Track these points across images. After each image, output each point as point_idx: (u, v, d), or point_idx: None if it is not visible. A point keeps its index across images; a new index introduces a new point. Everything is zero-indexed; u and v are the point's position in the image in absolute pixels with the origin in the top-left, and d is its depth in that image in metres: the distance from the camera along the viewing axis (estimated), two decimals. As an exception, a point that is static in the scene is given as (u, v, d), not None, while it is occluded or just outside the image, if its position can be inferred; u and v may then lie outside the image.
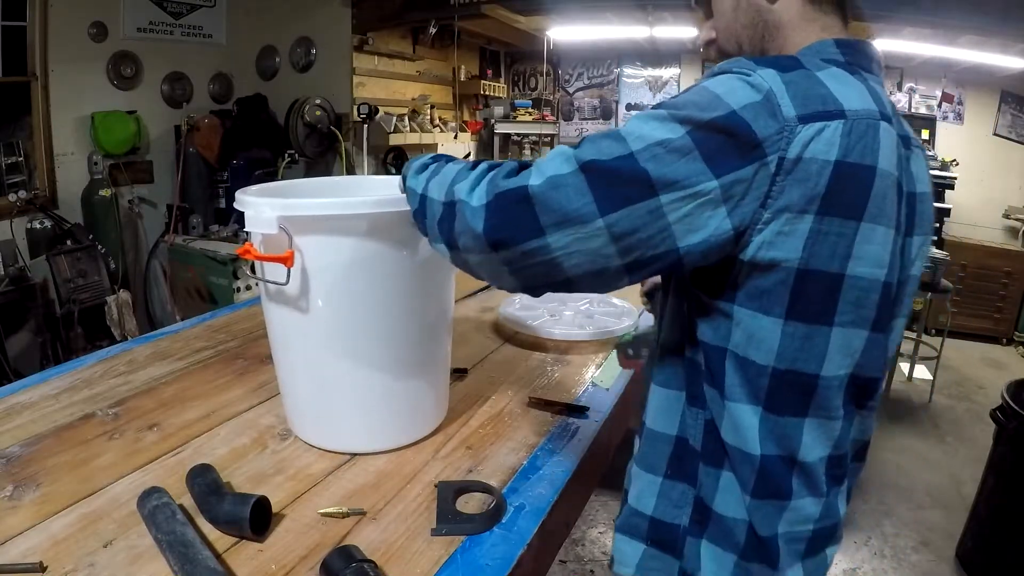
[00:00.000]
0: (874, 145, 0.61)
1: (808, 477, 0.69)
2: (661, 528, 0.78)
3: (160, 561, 0.75)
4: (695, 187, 0.59)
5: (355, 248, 0.94)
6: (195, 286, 3.48)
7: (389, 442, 1.05)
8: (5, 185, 3.14)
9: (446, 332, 1.13)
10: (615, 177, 0.60)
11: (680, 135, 0.59)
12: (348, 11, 4.10)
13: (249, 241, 0.98)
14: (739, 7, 0.75)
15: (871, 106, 0.63)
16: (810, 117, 0.59)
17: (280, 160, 3.86)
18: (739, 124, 0.59)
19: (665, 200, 0.60)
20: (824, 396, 0.67)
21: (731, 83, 0.61)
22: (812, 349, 0.65)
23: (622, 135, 0.61)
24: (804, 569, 0.72)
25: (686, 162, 0.59)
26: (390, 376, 1.03)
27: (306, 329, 0.99)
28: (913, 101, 5.28)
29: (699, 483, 0.74)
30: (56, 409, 1.14)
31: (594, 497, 2.53)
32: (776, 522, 0.70)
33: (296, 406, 1.08)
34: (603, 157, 0.61)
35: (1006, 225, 5.17)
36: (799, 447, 0.68)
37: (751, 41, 0.75)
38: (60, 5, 3.23)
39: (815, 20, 0.72)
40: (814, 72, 0.63)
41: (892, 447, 3.18)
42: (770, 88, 0.60)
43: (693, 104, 0.61)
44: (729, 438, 0.70)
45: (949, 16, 3.15)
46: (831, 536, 0.74)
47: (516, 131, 5.80)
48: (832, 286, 0.63)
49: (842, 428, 0.70)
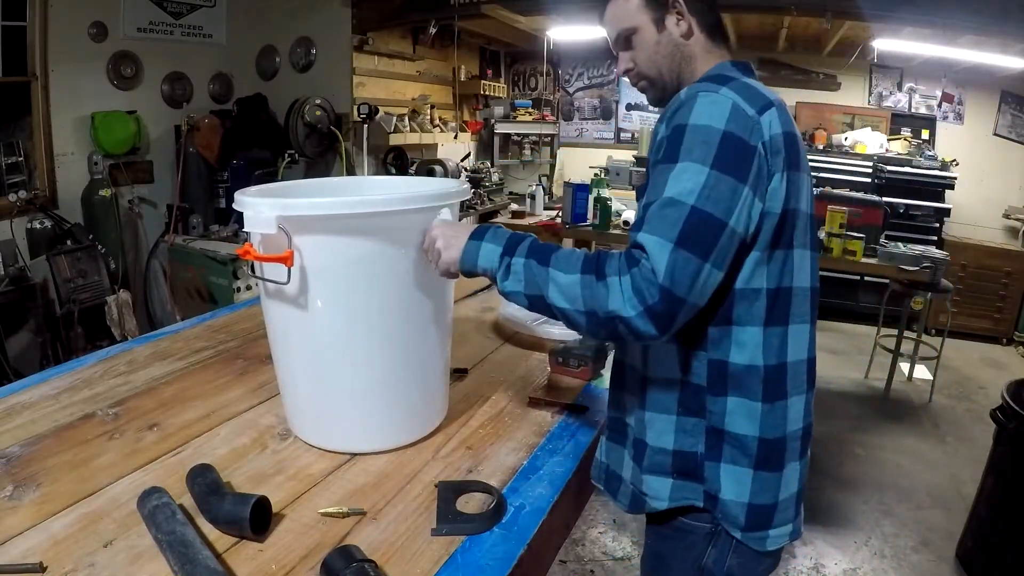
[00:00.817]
0: (788, 117, 0.89)
1: (796, 378, 0.92)
2: (684, 458, 0.92)
3: (160, 561, 0.75)
4: (741, 198, 0.81)
5: (354, 248, 0.94)
6: (195, 286, 3.48)
7: (389, 442, 1.05)
8: (5, 185, 3.13)
9: (446, 332, 1.13)
10: (698, 233, 0.78)
11: (707, 173, 0.79)
12: (348, 11, 4.10)
13: (249, 241, 0.98)
14: (660, 43, 0.98)
15: (773, 95, 0.90)
16: (761, 110, 0.85)
17: (280, 160, 3.85)
18: (731, 137, 0.82)
19: (733, 222, 0.80)
20: (798, 304, 0.91)
21: (707, 109, 0.83)
22: (789, 269, 0.89)
23: (676, 199, 0.79)
24: (800, 465, 0.95)
25: (725, 187, 0.80)
26: (390, 376, 1.03)
27: (306, 329, 0.99)
28: (913, 101, 5.28)
29: (708, 413, 0.91)
30: (56, 409, 1.15)
31: (594, 497, 2.53)
32: (783, 423, 0.90)
33: (296, 406, 1.08)
34: (680, 225, 0.78)
35: (1006, 225, 5.18)
36: (788, 352, 0.90)
37: (669, 68, 0.99)
38: (60, 5, 3.23)
39: (714, 51, 0.98)
40: (739, 79, 0.89)
41: (892, 447, 3.18)
42: (733, 99, 0.84)
43: (698, 143, 0.81)
44: (740, 358, 0.88)
45: (949, 16, 3.15)
46: (810, 436, 0.98)
47: (516, 131, 5.81)
48: (792, 223, 0.88)
49: (811, 333, 0.95)
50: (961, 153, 4.99)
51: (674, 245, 0.77)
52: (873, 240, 3.33)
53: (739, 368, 0.88)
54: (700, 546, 0.94)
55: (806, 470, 0.97)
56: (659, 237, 0.78)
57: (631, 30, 0.99)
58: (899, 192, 4.78)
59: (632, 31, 0.99)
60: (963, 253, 4.71)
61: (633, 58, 1.01)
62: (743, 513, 0.90)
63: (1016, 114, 5.07)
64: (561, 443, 1.08)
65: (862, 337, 4.64)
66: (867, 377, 4.02)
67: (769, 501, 0.91)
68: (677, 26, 0.97)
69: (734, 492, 0.90)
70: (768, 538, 0.92)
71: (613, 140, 6.06)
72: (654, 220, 0.80)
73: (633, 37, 0.99)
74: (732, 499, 0.90)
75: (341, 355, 1.00)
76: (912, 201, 4.83)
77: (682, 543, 0.96)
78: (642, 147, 5.15)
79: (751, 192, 0.82)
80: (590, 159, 5.36)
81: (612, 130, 6.06)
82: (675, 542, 0.97)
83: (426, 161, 4.42)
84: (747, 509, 0.90)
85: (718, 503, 0.91)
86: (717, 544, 0.93)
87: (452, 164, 4.37)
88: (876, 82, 5.32)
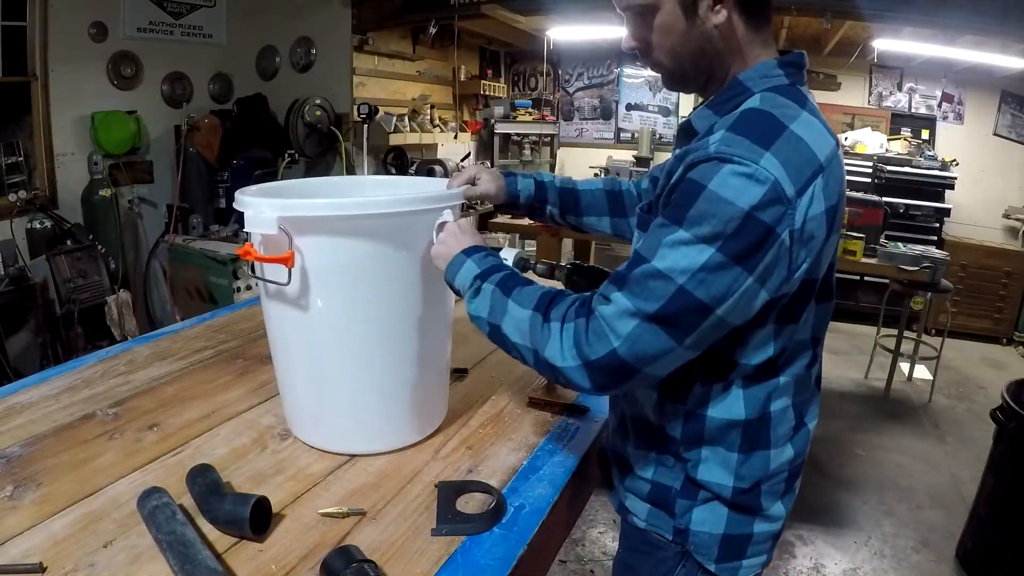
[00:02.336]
0: (839, 175, 0.76)
1: (783, 423, 0.85)
2: (659, 489, 0.91)
3: (160, 561, 0.75)
4: (740, 289, 0.70)
5: (355, 248, 0.93)
6: (195, 286, 3.48)
7: (388, 444, 1.05)
8: (5, 185, 3.13)
9: (446, 332, 1.13)
10: (679, 315, 0.70)
11: (711, 254, 0.68)
12: (348, 11, 4.10)
13: (249, 241, 0.98)
14: (689, 35, 0.78)
15: (829, 139, 0.75)
16: (804, 186, 0.70)
17: (280, 160, 3.85)
18: (754, 222, 0.68)
19: (722, 311, 0.71)
20: (798, 356, 0.83)
21: (737, 183, 0.68)
22: (795, 331, 0.81)
23: (665, 274, 0.70)
24: (784, 503, 0.90)
25: (725, 274, 0.69)
26: (390, 377, 1.03)
27: (305, 330, 0.99)
28: (913, 101, 5.28)
29: (682, 460, 0.88)
30: (56, 409, 1.14)
31: (594, 497, 2.53)
32: (763, 467, 0.85)
33: (295, 407, 1.07)
34: (661, 302, 0.70)
35: (1006, 225, 5.17)
36: (772, 403, 0.83)
37: (695, 65, 0.81)
38: (60, 5, 3.23)
39: (756, 39, 0.80)
40: (791, 128, 0.72)
41: (892, 447, 3.18)
42: (774, 178, 0.68)
43: (710, 216, 0.68)
44: (719, 413, 0.83)
45: (949, 16, 3.14)
46: (800, 471, 0.93)
47: (516, 131, 5.80)
48: (811, 292, 0.79)
49: (808, 372, 0.87)
50: (961, 153, 4.99)
51: (647, 319, 0.70)
52: (873, 240, 3.33)
53: (717, 422, 0.84)
54: (670, 563, 0.93)
55: (791, 506, 0.93)
56: (633, 303, 0.71)
57: (650, 7, 0.79)
58: (899, 192, 4.78)
59: (651, 8, 0.79)
60: (963, 253, 4.71)
61: (646, 39, 0.82)
62: (716, 544, 0.88)
63: (1016, 114, 5.07)
64: (561, 443, 1.08)
65: (862, 337, 4.64)
66: (867, 377, 4.02)
67: (745, 532, 0.88)
68: (712, 14, 0.77)
69: (708, 526, 0.88)
70: (741, 568, 0.90)
71: (613, 140, 6.05)
72: (636, 285, 0.71)
73: (651, 16, 0.79)
74: (706, 531, 0.88)
75: (341, 356, 1.00)
76: (912, 201, 4.83)
77: (653, 557, 0.95)
78: (642, 147, 5.15)
79: (757, 284, 0.70)
80: (590, 159, 5.36)
81: (612, 130, 6.05)
82: (646, 555, 0.96)
83: (426, 161, 4.42)
84: (720, 540, 0.88)
85: (689, 536, 0.89)
86: (687, 564, 0.91)
87: (452, 164, 4.37)
88: (876, 82, 5.32)
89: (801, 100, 0.77)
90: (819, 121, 0.76)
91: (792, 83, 0.79)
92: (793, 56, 0.81)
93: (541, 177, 1.20)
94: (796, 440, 0.89)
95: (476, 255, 0.91)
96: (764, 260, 0.69)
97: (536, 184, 1.18)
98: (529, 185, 1.17)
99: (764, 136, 0.70)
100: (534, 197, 1.18)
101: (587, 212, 1.20)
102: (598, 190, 1.20)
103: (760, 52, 0.80)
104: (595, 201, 1.20)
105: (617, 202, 1.20)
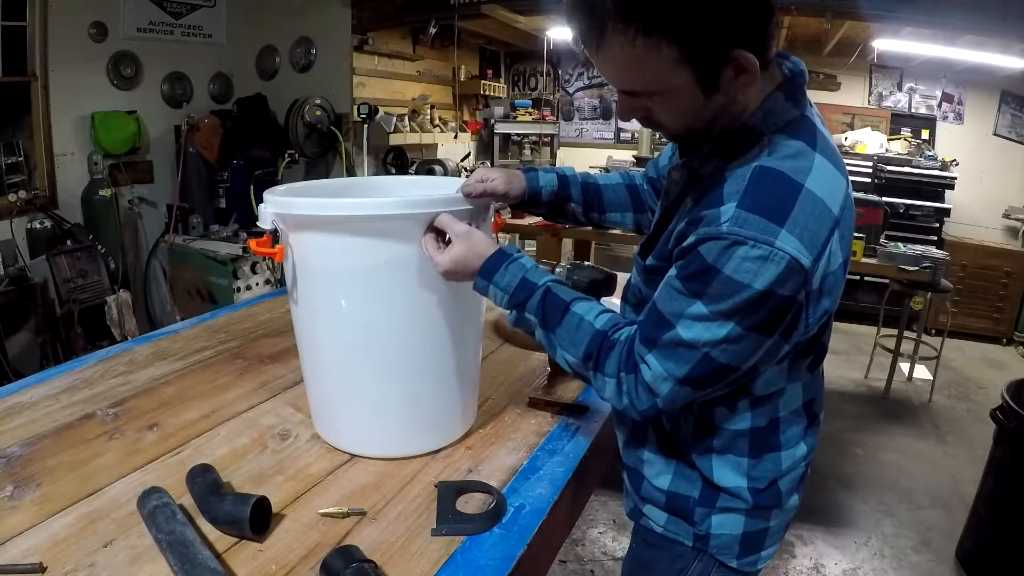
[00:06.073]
0: (851, 216, 0.77)
1: (793, 425, 0.89)
2: (677, 499, 0.92)
3: (160, 561, 0.75)
4: (762, 350, 0.74)
5: (379, 250, 0.92)
6: (195, 286, 3.49)
7: (414, 448, 1.04)
8: (5, 185, 3.13)
9: (475, 338, 1.10)
10: (707, 377, 0.76)
11: (730, 328, 0.71)
12: (348, 11, 4.10)
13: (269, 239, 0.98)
14: (707, 107, 0.73)
15: (841, 180, 0.75)
16: (821, 251, 0.70)
17: (280, 160, 3.85)
18: (773, 298, 0.69)
19: (746, 367, 0.75)
20: (803, 365, 0.87)
21: (752, 267, 0.68)
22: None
23: (689, 343, 0.74)
24: (799, 494, 0.93)
25: (748, 343, 0.72)
26: (416, 381, 1.01)
27: (333, 330, 0.98)
28: (913, 101, 5.28)
29: (697, 466, 0.90)
30: (56, 409, 1.14)
31: (594, 497, 2.53)
32: (776, 467, 0.88)
33: (319, 406, 1.07)
34: (689, 366, 0.75)
35: (1006, 225, 5.17)
36: (780, 408, 0.87)
37: (707, 126, 0.77)
38: (60, 5, 3.23)
39: (763, 76, 0.73)
40: (806, 188, 0.70)
41: (892, 447, 3.18)
42: (790, 256, 0.67)
43: (727, 297, 0.70)
44: (728, 423, 0.86)
45: (949, 16, 3.14)
46: (811, 462, 0.95)
47: (516, 131, 5.81)
48: (827, 326, 0.85)
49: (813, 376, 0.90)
50: (961, 153, 4.99)
51: (678, 382, 0.76)
52: (873, 240, 3.33)
53: (725, 431, 0.87)
54: (686, 559, 0.93)
55: (803, 493, 0.96)
56: (665, 368, 0.76)
57: (662, 92, 0.73)
58: (899, 192, 4.78)
59: (664, 92, 0.73)
60: (963, 253, 4.71)
61: (651, 108, 0.76)
62: (737, 543, 0.90)
63: (1016, 114, 5.07)
64: (561, 443, 1.08)
65: (862, 337, 4.64)
66: (867, 377, 4.02)
67: (763, 527, 0.91)
68: (736, 82, 0.70)
69: (728, 528, 0.90)
70: (760, 559, 0.93)
71: (613, 140, 6.06)
72: (666, 350, 0.76)
73: (662, 97, 0.74)
74: (726, 533, 0.90)
75: (370, 359, 0.99)
76: (912, 201, 4.83)
77: (668, 553, 0.95)
78: (642, 147, 5.15)
79: (780, 338, 0.74)
80: (590, 159, 5.37)
81: (612, 130, 6.06)
82: (661, 551, 0.96)
83: (426, 161, 4.42)
84: (741, 539, 0.90)
85: (709, 540, 0.91)
86: (703, 559, 0.93)
87: (452, 164, 4.37)
88: (876, 82, 5.32)
89: (812, 136, 0.75)
90: (830, 159, 0.74)
91: (802, 115, 0.77)
92: (795, 79, 0.78)
93: (563, 171, 1.12)
94: (808, 437, 0.92)
95: (495, 275, 0.89)
96: (784, 323, 0.72)
97: (559, 179, 1.10)
98: (552, 180, 1.09)
99: (778, 207, 0.69)
100: (557, 193, 1.10)
101: (610, 208, 1.16)
102: (618, 184, 1.16)
103: (765, 84, 0.76)
104: (617, 197, 1.16)
105: (637, 196, 1.16)
